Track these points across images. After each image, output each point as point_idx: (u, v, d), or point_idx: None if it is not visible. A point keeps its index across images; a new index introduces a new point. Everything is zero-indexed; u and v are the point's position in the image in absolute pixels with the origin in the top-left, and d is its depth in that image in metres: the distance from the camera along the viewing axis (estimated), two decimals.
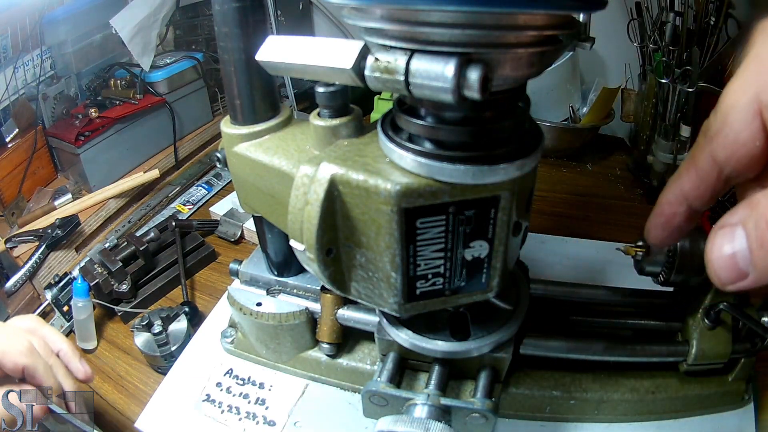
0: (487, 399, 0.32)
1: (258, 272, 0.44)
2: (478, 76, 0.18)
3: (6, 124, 0.75)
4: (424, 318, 0.33)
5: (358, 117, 0.29)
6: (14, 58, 0.73)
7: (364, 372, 0.41)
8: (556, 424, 0.39)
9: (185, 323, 0.49)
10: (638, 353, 0.38)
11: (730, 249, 0.21)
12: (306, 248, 0.26)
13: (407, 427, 0.29)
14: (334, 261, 0.27)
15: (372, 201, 0.24)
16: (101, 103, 0.82)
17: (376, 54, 0.21)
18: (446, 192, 0.23)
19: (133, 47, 0.80)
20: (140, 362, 0.49)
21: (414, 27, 0.20)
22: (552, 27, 0.21)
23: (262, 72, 0.29)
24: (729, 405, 0.40)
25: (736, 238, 0.21)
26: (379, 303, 0.28)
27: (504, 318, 0.34)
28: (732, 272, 0.21)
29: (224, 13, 0.30)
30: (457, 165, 0.23)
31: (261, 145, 0.32)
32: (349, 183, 0.25)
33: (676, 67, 0.62)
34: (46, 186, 0.80)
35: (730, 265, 0.21)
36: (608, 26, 0.70)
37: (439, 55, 0.19)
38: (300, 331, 0.41)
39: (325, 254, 0.27)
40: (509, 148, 0.24)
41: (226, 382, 0.44)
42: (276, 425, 0.40)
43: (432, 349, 0.32)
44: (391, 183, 0.23)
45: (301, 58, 0.24)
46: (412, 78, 0.20)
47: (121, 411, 0.45)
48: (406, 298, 0.27)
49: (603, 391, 0.38)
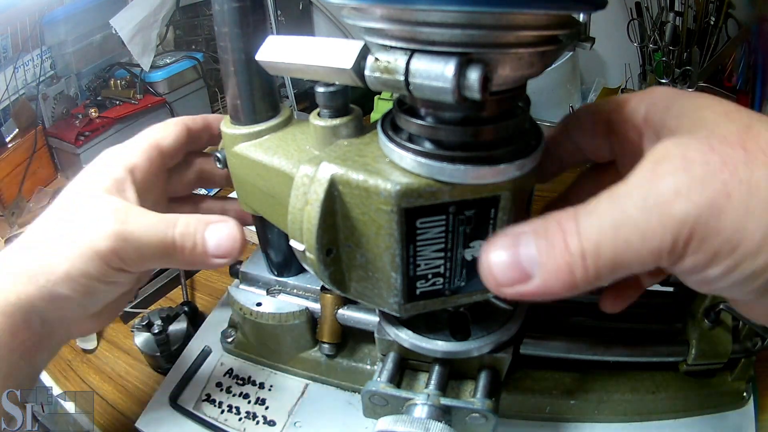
0: (487, 399, 0.32)
1: (258, 272, 0.44)
2: (478, 76, 0.18)
3: (6, 124, 0.75)
4: (424, 318, 0.33)
5: (359, 117, 0.29)
6: (14, 58, 0.73)
7: (364, 372, 0.41)
8: (556, 424, 0.39)
9: (185, 323, 0.49)
10: (638, 353, 0.38)
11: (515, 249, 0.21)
12: (306, 248, 0.26)
13: (407, 427, 0.29)
14: (334, 261, 0.27)
15: (372, 201, 0.24)
16: (101, 103, 0.82)
17: (376, 54, 0.21)
18: (446, 192, 0.23)
19: (133, 47, 0.80)
20: (140, 362, 0.49)
21: (414, 27, 0.20)
22: (552, 27, 0.21)
23: (262, 72, 0.29)
24: (729, 405, 0.40)
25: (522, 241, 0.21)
26: (379, 303, 0.28)
27: (504, 318, 0.34)
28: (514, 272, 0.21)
29: (224, 13, 0.30)
30: (457, 165, 0.23)
31: (261, 145, 0.32)
32: (349, 183, 0.24)
33: (676, 67, 0.62)
34: (46, 186, 0.80)
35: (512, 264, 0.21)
36: (608, 26, 0.70)
37: (439, 55, 0.19)
38: (300, 331, 0.41)
39: (325, 254, 0.26)
40: (509, 149, 0.24)
41: (226, 382, 0.44)
42: (276, 425, 0.40)
43: (432, 349, 0.32)
44: (391, 183, 0.23)
45: (301, 58, 0.24)
46: (411, 78, 0.20)
47: (121, 411, 0.45)
48: (406, 299, 0.27)
49: (603, 391, 0.38)
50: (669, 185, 0.19)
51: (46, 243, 0.30)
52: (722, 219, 0.19)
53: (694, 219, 0.19)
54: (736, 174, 0.19)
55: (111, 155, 0.34)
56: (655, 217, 0.19)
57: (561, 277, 0.20)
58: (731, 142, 0.20)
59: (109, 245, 0.29)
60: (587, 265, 0.20)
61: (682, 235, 0.19)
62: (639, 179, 0.20)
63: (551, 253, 0.20)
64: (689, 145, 0.20)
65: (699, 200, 0.19)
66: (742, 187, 0.19)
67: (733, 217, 0.19)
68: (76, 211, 0.31)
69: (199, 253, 0.31)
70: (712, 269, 0.20)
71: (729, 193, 0.19)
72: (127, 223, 0.30)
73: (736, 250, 0.19)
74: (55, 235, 0.30)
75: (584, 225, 0.20)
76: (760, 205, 0.19)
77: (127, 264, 0.30)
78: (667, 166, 0.20)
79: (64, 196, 0.32)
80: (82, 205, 0.31)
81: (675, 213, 0.19)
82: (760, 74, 0.57)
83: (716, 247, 0.19)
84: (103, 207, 0.30)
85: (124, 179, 0.32)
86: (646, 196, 0.20)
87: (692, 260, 0.20)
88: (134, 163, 0.33)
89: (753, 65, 0.58)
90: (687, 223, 0.19)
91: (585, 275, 0.20)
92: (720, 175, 0.19)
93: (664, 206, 0.19)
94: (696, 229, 0.19)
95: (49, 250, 0.30)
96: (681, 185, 0.19)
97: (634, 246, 0.19)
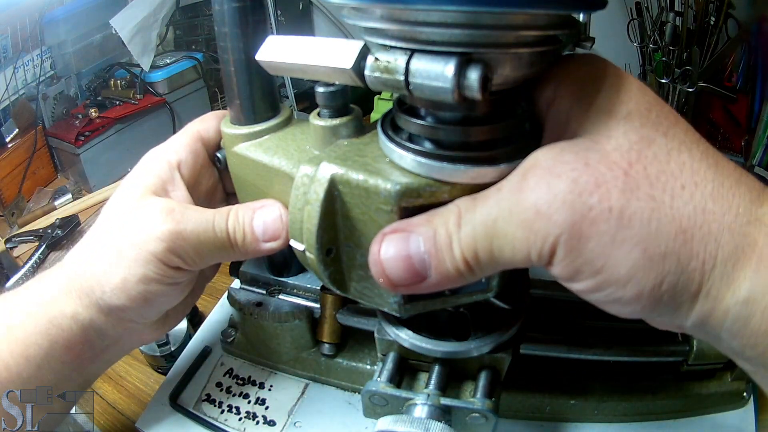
0: (488, 399, 0.32)
1: (258, 272, 0.44)
2: (478, 75, 0.18)
3: (6, 124, 0.75)
4: (425, 318, 0.33)
5: (358, 117, 0.29)
6: (14, 58, 0.74)
7: (364, 372, 0.41)
8: (556, 424, 0.39)
9: (185, 323, 0.49)
10: (638, 353, 0.38)
11: (405, 251, 0.22)
12: (306, 248, 0.26)
13: (407, 427, 0.29)
14: (334, 261, 0.27)
15: (372, 201, 0.24)
16: (101, 103, 0.82)
17: (376, 54, 0.21)
18: (446, 191, 0.23)
19: (133, 47, 0.80)
20: (140, 362, 0.49)
21: (414, 27, 0.20)
22: (552, 27, 0.21)
23: (262, 72, 0.29)
24: (729, 405, 0.39)
25: (411, 242, 0.22)
26: (379, 303, 0.28)
27: (504, 318, 0.34)
28: (407, 273, 0.22)
29: (224, 13, 0.30)
30: (457, 165, 0.23)
31: (261, 145, 0.32)
32: (349, 183, 0.24)
33: (676, 67, 0.62)
34: (46, 186, 0.80)
35: (405, 267, 0.22)
36: (608, 26, 0.70)
37: (439, 54, 0.19)
38: (300, 331, 0.41)
39: (325, 254, 0.26)
40: (509, 148, 0.23)
41: (226, 382, 0.44)
42: (276, 425, 0.40)
43: (432, 349, 0.32)
44: (391, 183, 0.23)
45: (301, 58, 0.24)
46: (412, 78, 0.20)
47: (121, 411, 0.45)
48: (406, 298, 0.27)
49: (603, 391, 0.38)
50: (531, 202, 0.19)
51: (99, 255, 0.30)
52: (583, 242, 0.19)
53: (555, 238, 0.19)
54: (607, 200, 0.18)
55: (155, 154, 0.33)
56: (519, 232, 0.20)
57: (451, 276, 0.22)
58: (613, 162, 0.19)
59: (164, 246, 0.29)
60: (471, 266, 0.22)
61: (545, 250, 0.20)
62: (508, 189, 0.21)
63: (440, 257, 0.22)
64: (561, 158, 0.20)
65: (559, 221, 0.19)
66: (612, 216, 0.18)
67: (596, 244, 0.19)
68: (125, 219, 0.30)
69: (250, 241, 0.31)
70: (577, 284, 0.20)
71: (593, 219, 0.19)
72: (179, 222, 0.30)
73: (599, 274, 0.19)
74: (107, 246, 0.30)
75: (463, 232, 0.21)
76: (630, 239, 0.18)
77: (185, 262, 0.30)
78: (531, 181, 0.20)
79: (111, 204, 0.32)
80: (130, 211, 0.31)
81: (537, 229, 0.19)
82: (760, 74, 0.57)
83: (577, 266, 0.19)
84: (153, 209, 0.30)
85: (171, 177, 0.32)
86: (512, 210, 0.20)
87: (557, 270, 0.20)
88: (179, 158, 0.33)
89: (753, 65, 0.58)
90: (548, 240, 0.19)
91: (471, 273, 0.22)
92: (588, 198, 0.19)
93: (526, 222, 0.19)
94: (557, 245, 0.19)
95: (102, 261, 0.30)
96: (542, 203, 0.19)
97: (506, 253, 0.21)
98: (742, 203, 0.19)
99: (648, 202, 0.19)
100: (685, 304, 0.19)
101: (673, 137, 0.20)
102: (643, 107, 0.20)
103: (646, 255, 0.18)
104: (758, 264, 0.18)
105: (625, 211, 0.18)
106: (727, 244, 0.18)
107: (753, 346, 0.19)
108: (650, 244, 0.18)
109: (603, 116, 0.20)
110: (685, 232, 0.18)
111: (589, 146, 0.20)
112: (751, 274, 0.18)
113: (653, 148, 0.19)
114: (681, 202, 0.19)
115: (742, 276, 0.18)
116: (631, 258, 0.19)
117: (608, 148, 0.19)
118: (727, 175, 0.19)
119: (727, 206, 0.19)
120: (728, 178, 0.19)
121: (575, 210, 0.19)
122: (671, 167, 0.19)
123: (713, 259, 0.19)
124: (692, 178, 0.19)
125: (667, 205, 0.19)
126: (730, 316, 0.19)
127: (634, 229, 0.18)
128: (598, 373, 0.39)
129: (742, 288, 0.18)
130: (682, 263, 0.19)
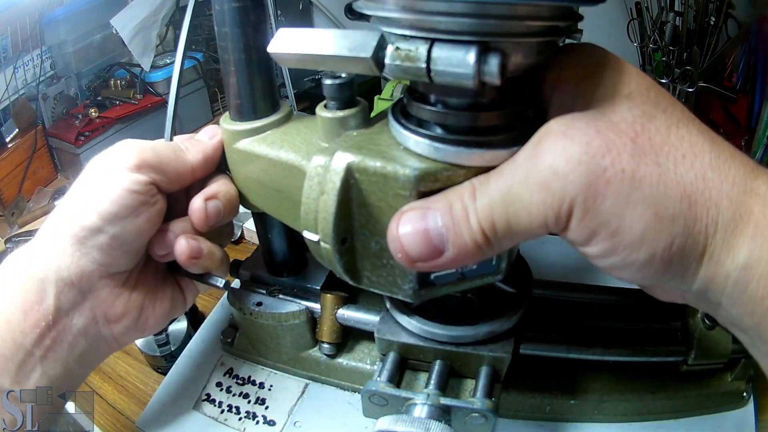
0: (487, 399, 0.32)
1: (258, 272, 0.44)
2: (497, 62, 0.20)
3: (6, 124, 0.75)
4: (433, 305, 0.34)
5: (365, 109, 0.30)
6: (14, 58, 0.73)
7: (364, 372, 0.41)
8: (556, 424, 0.39)
9: (185, 323, 0.49)
10: (638, 353, 0.38)
11: (423, 226, 0.22)
12: (321, 238, 0.27)
13: (407, 426, 0.29)
14: (348, 251, 0.28)
15: (390, 187, 0.25)
16: (101, 103, 0.82)
17: (397, 43, 0.22)
18: (461, 175, 0.24)
19: (134, 47, 0.80)
20: (140, 362, 0.49)
21: (434, 17, 0.21)
22: (558, 18, 0.22)
23: (263, 71, 0.28)
24: (729, 405, 0.40)
25: (429, 217, 0.22)
26: (392, 291, 0.28)
27: (511, 302, 0.34)
28: (425, 248, 0.22)
29: (224, 13, 0.30)
30: (472, 149, 0.23)
31: (264, 140, 0.33)
32: (366, 170, 0.25)
33: (676, 67, 0.62)
34: (46, 186, 0.80)
35: (423, 241, 0.22)
36: (608, 26, 0.70)
37: (460, 43, 0.20)
38: (300, 331, 0.41)
39: (341, 243, 0.27)
40: (519, 132, 0.24)
41: (226, 382, 0.44)
42: (276, 425, 0.40)
43: (442, 333, 0.33)
44: (409, 168, 0.24)
45: (315, 49, 0.24)
46: (433, 65, 0.21)
47: (121, 411, 0.45)
48: (421, 284, 0.28)
49: (603, 391, 0.38)
50: (547, 163, 0.20)
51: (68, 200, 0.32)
52: (599, 202, 0.20)
53: (572, 198, 0.20)
54: (619, 162, 0.20)
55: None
56: (536, 195, 0.20)
57: (469, 250, 0.22)
58: (620, 131, 0.20)
59: (133, 161, 0.31)
60: (488, 238, 0.22)
61: (563, 211, 0.20)
62: (523, 157, 0.22)
63: (458, 231, 0.22)
64: (573, 125, 0.21)
65: (576, 180, 0.20)
66: (625, 178, 0.20)
67: (612, 204, 0.20)
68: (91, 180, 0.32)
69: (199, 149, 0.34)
70: (592, 247, 0.21)
71: (608, 180, 0.19)
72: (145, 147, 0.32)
73: (614, 236, 0.20)
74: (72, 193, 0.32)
75: (479, 203, 0.22)
76: (642, 200, 0.20)
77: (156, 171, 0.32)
78: (546, 145, 0.21)
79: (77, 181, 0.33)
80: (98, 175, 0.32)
81: (554, 190, 0.20)
82: (760, 74, 0.57)
83: (594, 226, 0.20)
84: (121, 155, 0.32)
85: (146, 153, 0.32)
86: (527, 175, 0.21)
87: (574, 234, 0.21)
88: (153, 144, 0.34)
89: (753, 65, 0.58)
90: (565, 201, 0.20)
91: (489, 246, 0.22)
92: (601, 160, 0.20)
93: (543, 185, 0.20)
94: (575, 206, 0.20)
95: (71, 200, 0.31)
96: (559, 164, 0.20)
97: (523, 220, 0.21)
98: (738, 174, 0.20)
99: (655, 168, 0.20)
100: (691, 267, 0.21)
101: (671, 114, 0.21)
102: (642, 88, 0.22)
103: (657, 217, 0.20)
104: (755, 232, 0.20)
105: (636, 174, 0.20)
106: (726, 210, 0.20)
107: (750, 314, 0.20)
108: (660, 206, 0.20)
109: (607, 94, 0.22)
110: (690, 196, 0.20)
111: (597, 117, 0.21)
112: (749, 241, 0.20)
113: (654, 122, 0.21)
114: (683, 169, 0.20)
115: (740, 242, 0.20)
116: (644, 219, 0.20)
117: (615, 119, 0.21)
118: (722, 150, 0.21)
119: (724, 176, 0.20)
120: (724, 152, 0.21)
121: (590, 170, 0.20)
122: (672, 139, 0.20)
123: (715, 224, 0.20)
124: (691, 149, 0.20)
125: (671, 171, 0.20)
126: (730, 282, 0.20)
127: (645, 191, 0.20)
128: (598, 373, 0.39)
129: (740, 254, 0.20)
130: (688, 226, 0.20)
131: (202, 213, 0.33)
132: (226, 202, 0.34)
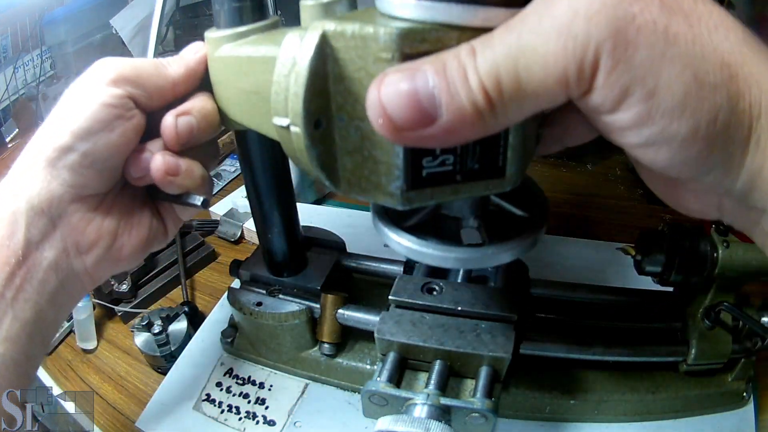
0: (487, 399, 0.32)
1: (258, 272, 0.44)
2: None
3: (6, 124, 0.75)
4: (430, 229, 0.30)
5: None
6: (14, 58, 0.74)
7: (364, 372, 0.41)
8: (556, 424, 0.39)
9: (185, 323, 0.49)
10: (638, 353, 0.38)
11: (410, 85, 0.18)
12: (291, 121, 0.23)
13: (407, 426, 0.29)
14: (324, 139, 0.24)
15: (370, 50, 0.21)
16: None
17: None
18: (454, 38, 0.21)
19: (134, 47, 0.80)
20: (140, 362, 0.49)
21: None
22: None
23: None
24: (729, 405, 0.40)
25: (417, 77, 0.18)
26: (376, 195, 0.24)
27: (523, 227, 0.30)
28: (412, 111, 0.18)
29: (224, 13, 0.30)
30: (467, 5, 0.20)
31: (246, 42, 0.30)
32: (343, 34, 0.22)
33: None
34: None
35: (410, 103, 0.18)
36: None
37: None
38: (300, 331, 0.41)
39: (314, 126, 0.23)
40: None
41: (226, 382, 0.44)
42: (276, 425, 0.40)
43: (442, 256, 0.28)
44: (391, 27, 0.21)
45: None
46: None
47: (121, 411, 0.45)
48: (410, 183, 0.23)
49: (603, 391, 0.39)
50: (565, 6, 0.17)
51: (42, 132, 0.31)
52: (631, 51, 0.17)
53: (597, 43, 0.17)
54: (648, 12, 0.17)
55: None
56: (553, 41, 0.17)
57: (467, 116, 0.18)
58: None
59: (112, 75, 0.30)
60: (492, 100, 0.18)
61: (587, 60, 0.17)
62: (535, 6, 0.18)
63: (453, 91, 0.18)
64: None
65: (602, 23, 0.16)
66: (657, 29, 0.17)
67: (646, 56, 0.17)
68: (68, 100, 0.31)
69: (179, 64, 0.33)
70: (624, 112, 0.18)
71: (639, 27, 0.17)
72: (124, 61, 0.31)
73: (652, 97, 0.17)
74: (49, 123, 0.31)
75: (481, 59, 0.18)
76: (679, 58, 0.17)
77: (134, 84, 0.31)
78: None
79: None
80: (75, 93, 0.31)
81: (575, 33, 0.17)
82: None
83: (626, 82, 0.17)
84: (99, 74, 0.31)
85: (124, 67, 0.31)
86: (540, 20, 0.17)
87: (601, 94, 0.18)
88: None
89: None
90: (590, 46, 0.17)
91: (492, 112, 0.18)
92: (629, 7, 0.17)
93: (562, 28, 0.17)
94: (601, 55, 0.17)
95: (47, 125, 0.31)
96: (579, 5, 0.17)
97: (536, 75, 0.17)
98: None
99: (688, 28, 0.17)
100: (737, 154, 0.18)
101: None
102: None
103: (698, 80, 0.17)
104: None
105: (670, 29, 0.17)
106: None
107: None
108: (699, 69, 0.17)
109: None
110: (729, 66, 0.17)
111: None
112: None
113: None
114: (718, 37, 0.17)
115: None
116: (684, 80, 0.17)
117: None
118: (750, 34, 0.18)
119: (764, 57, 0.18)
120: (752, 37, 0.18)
121: (618, 14, 0.17)
122: (700, 9, 0.18)
123: (759, 105, 0.17)
124: (723, 22, 0.18)
125: (705, 36, 0.17)
126: None
127: (681, 47, 0.17)
128: (598, 373, 0.39)
129: None
130: (732, 100, 0.17)
131: (173, 129, 0.31)
132: (201, 118, 0.32)
